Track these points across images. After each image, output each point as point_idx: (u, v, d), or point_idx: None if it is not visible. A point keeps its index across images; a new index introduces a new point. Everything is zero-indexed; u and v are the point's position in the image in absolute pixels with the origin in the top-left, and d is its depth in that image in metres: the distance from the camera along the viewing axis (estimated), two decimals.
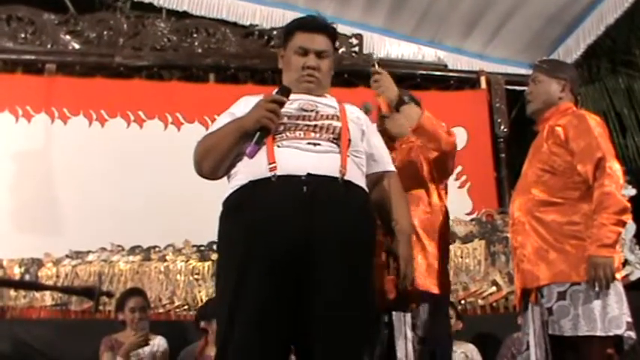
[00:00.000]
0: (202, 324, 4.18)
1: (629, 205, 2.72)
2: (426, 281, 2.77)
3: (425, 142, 2.84)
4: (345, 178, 2.11)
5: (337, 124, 2.22)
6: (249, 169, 2.12)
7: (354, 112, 2.36)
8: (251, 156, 2.11)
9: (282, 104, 2.17)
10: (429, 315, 2.79)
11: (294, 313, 1.99)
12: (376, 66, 2.91)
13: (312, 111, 2.24)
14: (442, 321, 2.90)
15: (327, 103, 2.31)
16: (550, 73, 3.02)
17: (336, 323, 1.98)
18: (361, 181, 2.21)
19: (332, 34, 2.41)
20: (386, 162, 2.39)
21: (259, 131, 2.12)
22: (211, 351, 3.89)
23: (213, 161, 2.23)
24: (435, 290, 2.79)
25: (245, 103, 2.31)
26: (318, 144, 2.15)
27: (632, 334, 2.66)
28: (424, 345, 2.76)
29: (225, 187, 2.21)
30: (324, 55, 2.35)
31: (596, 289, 2.60)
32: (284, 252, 1.99)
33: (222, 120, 2.30)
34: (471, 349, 4.28)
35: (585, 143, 2.76)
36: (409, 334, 2.68)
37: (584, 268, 2.63)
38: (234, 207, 2.13)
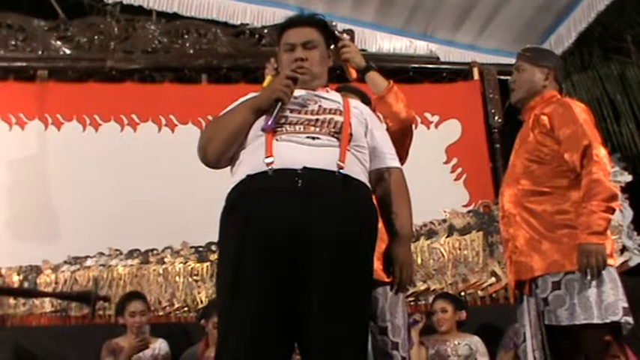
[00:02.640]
0: (202, 322, 4.20)
1: (617, 191, 2.72)
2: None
3: (387, 113, 2.75)
4: (343, 171, 2.08)
5: (339, 118, 2.20)
6: (248, 164, 2.12)
7: (357, 107, 2.33)
8: (268, 130, 2.13)
9: (295, 80, 2.21)
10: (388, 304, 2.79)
11: (291, 309, 1.97)
12: (344, 35, 2.87)
13: (314, 105, 2.24)
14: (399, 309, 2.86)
15: (331, 98, 2.30)
16: (533, 62, 3.01)
17: (333, 320, 1.94)
18: (362, 176, 2.17)
19: (319, 24, 2.40)
20: (388, 157, 2.31)
21: (275, 103, 2.16)
22: (212, 352, 3.89)
23: (220, 142, 2.20)
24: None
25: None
26: (318, 138, 2.13)
27: (630, 319, 2.65)
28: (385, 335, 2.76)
29: (222, 186, 2.20)
30: (311, 45, 2.34)
31: (588, 277, 2.60)
32: (277, 245, 1.97)
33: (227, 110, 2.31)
34: (475, 341, 4.24)
35: (571, 131, 2.75)
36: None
37: (577, 256, 2.62)
38: (232, 202, 2.13)
